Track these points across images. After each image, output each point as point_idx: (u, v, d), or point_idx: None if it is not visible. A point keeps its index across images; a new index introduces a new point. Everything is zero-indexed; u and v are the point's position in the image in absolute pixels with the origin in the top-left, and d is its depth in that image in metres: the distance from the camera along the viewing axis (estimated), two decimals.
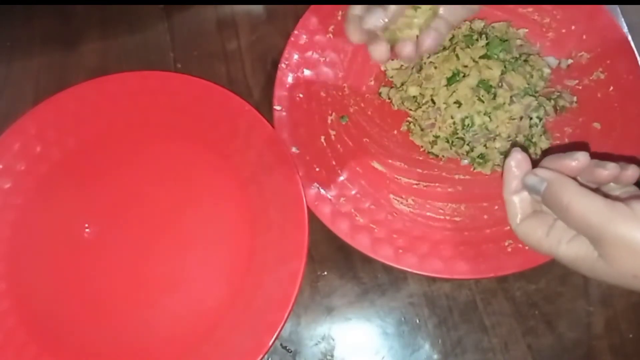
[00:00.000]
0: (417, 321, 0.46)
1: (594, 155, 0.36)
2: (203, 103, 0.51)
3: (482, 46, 0.48)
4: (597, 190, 0.37)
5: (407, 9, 0.39)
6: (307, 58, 0.53)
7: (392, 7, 0.38)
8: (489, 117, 0.47)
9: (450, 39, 0.51)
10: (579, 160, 0.36)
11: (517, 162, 0.38)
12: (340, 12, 0.54)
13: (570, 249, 0.35)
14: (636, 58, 0.49)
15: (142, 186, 0.50)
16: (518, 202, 0.38)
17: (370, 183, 0.50)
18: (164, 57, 0.56)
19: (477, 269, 0.45)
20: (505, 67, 0.47)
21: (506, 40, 0.49)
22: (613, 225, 0.32)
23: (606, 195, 0.34)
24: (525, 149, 0.43)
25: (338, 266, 0.48)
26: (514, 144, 0.48)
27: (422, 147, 0.51)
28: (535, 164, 0.38)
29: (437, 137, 0.49)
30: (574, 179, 0.36)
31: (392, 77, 0.53)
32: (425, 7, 0.39)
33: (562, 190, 0.35)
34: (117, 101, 0.52)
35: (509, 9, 0.53)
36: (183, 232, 0.49)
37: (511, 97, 0.47)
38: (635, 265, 0.32)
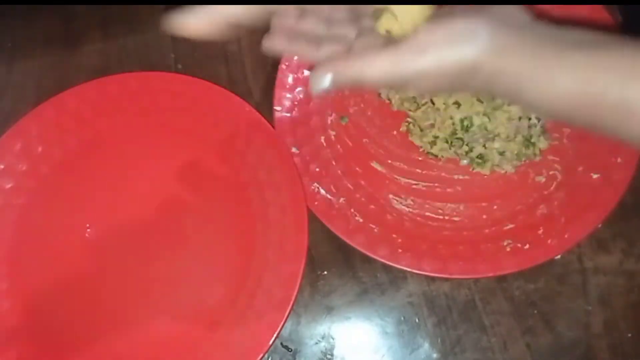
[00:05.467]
0: (417, 320, 0.47)
1: None
2: (204, 104, 0.51)
3: None
4: None
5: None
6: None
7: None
8: (488, 117, 0.47)
9: None
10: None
11: None
12: None
13: None
14: None
15: (142, 186, 0.50)
16: None
17: (370, 183, 0.50)
18: (165, 57, 0.56)
19: (476, 269, 0.45)
20: None
21: None
22: None
23: None
24: None
25: (338, 266, 0.48)
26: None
27: (421, 147, 0.51)
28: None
29: (436, 137, 0.49)
30: None
31: None
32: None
33: None
34: (118, 102, 0.52)
35: None
36: (184, 232, 0.49)
37: None
38: None
